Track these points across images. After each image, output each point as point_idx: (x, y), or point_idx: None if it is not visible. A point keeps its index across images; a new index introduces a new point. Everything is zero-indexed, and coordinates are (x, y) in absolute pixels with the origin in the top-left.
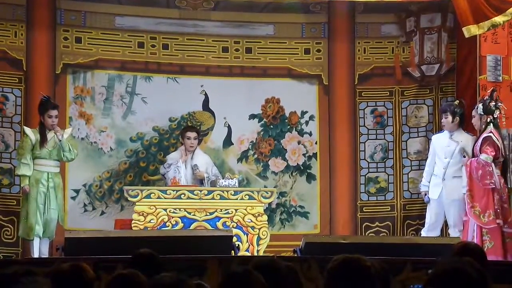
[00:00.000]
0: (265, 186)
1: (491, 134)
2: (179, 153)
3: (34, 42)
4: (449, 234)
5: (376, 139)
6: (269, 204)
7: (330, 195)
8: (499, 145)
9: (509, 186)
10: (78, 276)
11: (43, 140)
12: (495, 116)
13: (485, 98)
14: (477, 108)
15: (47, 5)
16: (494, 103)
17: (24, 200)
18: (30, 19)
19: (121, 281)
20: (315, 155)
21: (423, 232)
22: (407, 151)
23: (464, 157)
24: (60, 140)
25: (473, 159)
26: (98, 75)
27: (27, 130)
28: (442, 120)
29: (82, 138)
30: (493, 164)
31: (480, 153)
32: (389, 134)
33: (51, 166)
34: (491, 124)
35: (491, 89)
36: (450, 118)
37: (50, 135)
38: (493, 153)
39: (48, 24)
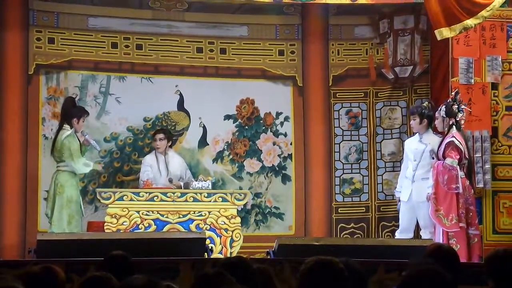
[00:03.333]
0: (240, 187)
1: (453, 139)
2: (154, 154)
3: (7, 43)
4: (421, 236)
5: (351, 140)
6: (244, 205)
7: (305, 196)
8: (462, 148)
9: (475, 186)
10: (49, 278)
11: (81, 144)
12: (457, 119)
13: (448, 101)
14: (440, 110)
15: (20, 6)
16: (457, 106)
17: (69, 203)
18: (2, 20)
19: (92, 282)
20: (290, 156)
21: (397, 234)
22: (381, 153)
23: (433, 158)
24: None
25: (439, 162)
26: (71, 76)
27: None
28: (410, 123)
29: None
30: (458, 168)
31: (445, 158)
32: (364, 135)
33: None
34: (454, 126)
35: (455, 91)
36: (418, 120)
37: None
38: (458, 157)
39: (20, 25)
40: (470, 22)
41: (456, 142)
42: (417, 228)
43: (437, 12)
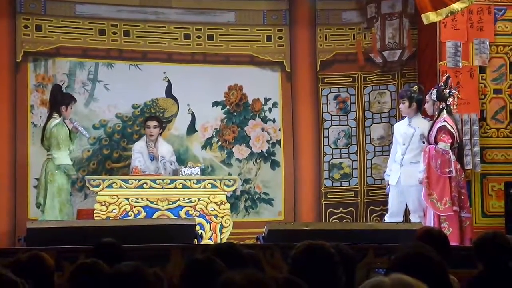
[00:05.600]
0: (229, 174)
1: (445, 123)
2: (145, 140)
3: None
4: (410, 220)
5: (340, 125)
6: (234, 191)
7: (294, 181)
8: (454, 132)
9: (465, 170)
10: (37, 265)
11: (70, 131)
12: (448, 103)
13: (439, 85)
14: (430, 94)
15: None
16: (448, 90)
17: (60, 191)
18: None
19: (83, 270)
20: (279, 142)
21: (386, 218)
22: (370, 137)
23: (424, 142)
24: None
25: (431, 146)
26: (60, 63)
27: (63, 121)
28: (399, 106)
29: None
30: (451, 152)
31: (436, 142)
32: (353, 120)
33: None
34: (444, 110)
35: (446, 75)
36: (407, 103)
37: None
38: (450, 141)
39: (8, 12)
40: (457, 6)
41: (448, 126)
42: (407, 212)
43: None
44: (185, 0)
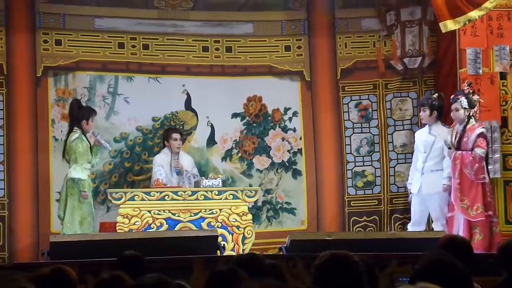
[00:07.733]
0: (250, 185)
1: (483, 130)
2: (165, 153)
3: (14, 46)
4: (433, 228)
5: (362, 132)
6: (255, 202)
7: (317, 190)
8: (488, 139)
9: (489, 177)
10: (60, 279)
11: (91, 146)
12: (475, 110)
13: (466, 92)
14: (461, 102)
15: (26, 9)
16: (477, 97)
17: (81, 204)
18: (9, 23)
19: (107, 283)
20: (300, 151)
21: (409, 227)
22: (393, 144)
23: (450, 148)
24: (103, 145)
25: (464, 152)
26: (80, 77)
27: (82, 135)
28: (420, 114)
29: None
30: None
31: (474, 148)
32: (374, 127)
33: None
34: (472, 117)
35: (469, 82)
36: (428, 111)
37: None
38: (486, 148)
39: (27, 27)
40: (474, 14)
41: (485, 133)
42: (430, 221)
43: (441, 5)
44: (203, 12)
